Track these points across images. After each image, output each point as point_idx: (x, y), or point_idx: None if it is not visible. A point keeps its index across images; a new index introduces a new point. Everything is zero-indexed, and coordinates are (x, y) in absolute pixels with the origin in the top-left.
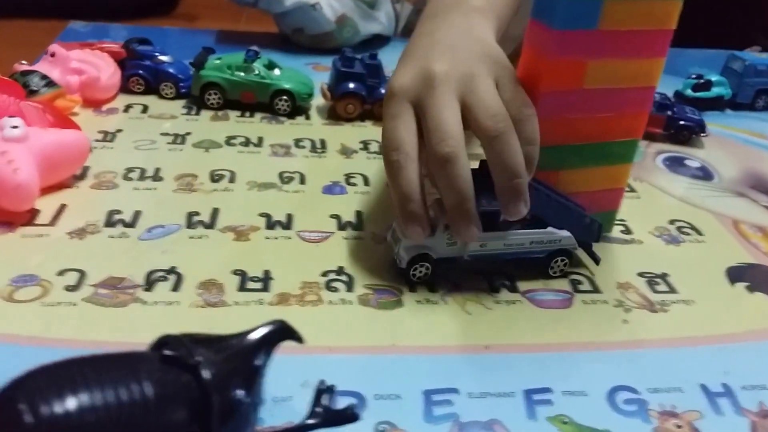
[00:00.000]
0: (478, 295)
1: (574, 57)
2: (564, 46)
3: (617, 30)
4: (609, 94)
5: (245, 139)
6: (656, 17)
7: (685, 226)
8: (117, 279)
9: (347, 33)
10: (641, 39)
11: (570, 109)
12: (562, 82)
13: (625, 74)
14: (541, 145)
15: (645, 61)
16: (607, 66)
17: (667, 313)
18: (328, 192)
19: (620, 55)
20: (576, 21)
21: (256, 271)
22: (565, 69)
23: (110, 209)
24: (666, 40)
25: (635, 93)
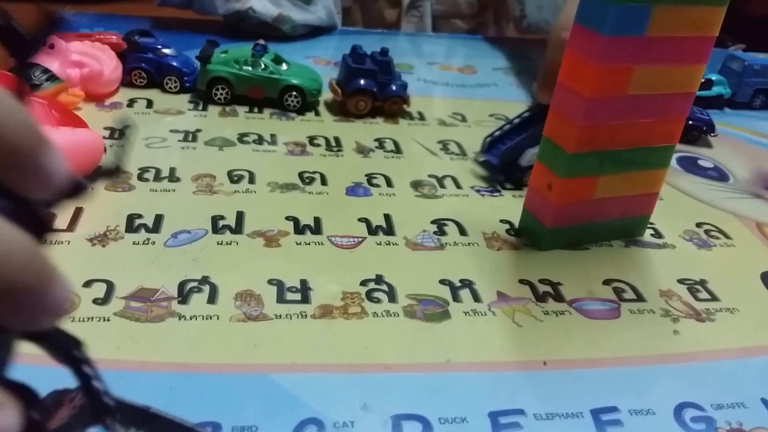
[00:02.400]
0: (525, 305)
1: (621, 63)
2: (612, 53)
3: (664, 36)
4: (651, 101)
5: (258, 136)
6: (701, 24)
7: (713, 229)
8: (149, 290)
9: (287, 28)
10: (686, 46)
11: (613, 116)
12: (607, 88)
13: (668, 81)
14: (582, 151)
15: (687, 68)
16: (652, 72)
17: (714, 323)
18: (352, 194)
19: (665, 61)
20: (625, 27)
21: (293, 281)
22: (612, 75)
23: (130, 213)
24: (709, 46)
25: (676, 99)
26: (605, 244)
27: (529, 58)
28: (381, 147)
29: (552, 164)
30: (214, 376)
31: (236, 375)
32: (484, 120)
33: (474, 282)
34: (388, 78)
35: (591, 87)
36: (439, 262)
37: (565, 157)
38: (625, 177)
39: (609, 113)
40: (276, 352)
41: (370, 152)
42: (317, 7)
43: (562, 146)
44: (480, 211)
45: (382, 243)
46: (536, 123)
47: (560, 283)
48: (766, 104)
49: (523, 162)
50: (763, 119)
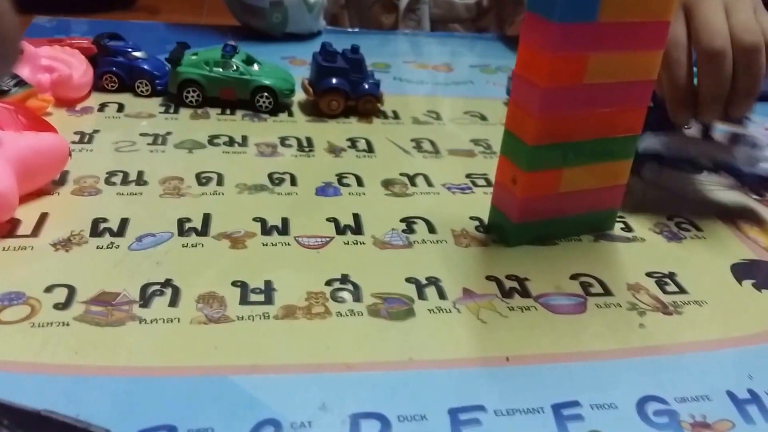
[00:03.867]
0: (491, 301)
1: (574, 51)
2: (564, 40)
3: (617, 22)
4: (610, 89)
5: (229, 138)
6: (654, 8)
7: (684, 222)
8: (110, 294)
9: (276, 19)
10: (641, 31)
11: (571, 105)
12: (562, 77)
13: (625, 68)
14: (545, 142)
15: (644, 54)
16: (607, 60)
17: (681, 316)
18: (322, 194)
19: (621, 48)
20: (576, 13)
21: (258, 282)
22: (566, 64)
23: (95, 217)
24: (663, 32)
25: (635, 87)
26: (574, 239)
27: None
28: (353, 146)
29: (514, 158)
30: (172, 379)
31: (195, 378)
32: (459, 117)
33: (440, 279)
34: (360, 76)
35: (546, 76)
36: (407, 261)
37: (526, 149)
38: (589, 169)
39: (567, 103)
40: (237, 354)
41: (341, 152)
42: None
43: (522, 138)
44: (450, 208)
45: (349, 242)
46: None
47: (527, 279)
48: None
49: (640, 148)
50: None
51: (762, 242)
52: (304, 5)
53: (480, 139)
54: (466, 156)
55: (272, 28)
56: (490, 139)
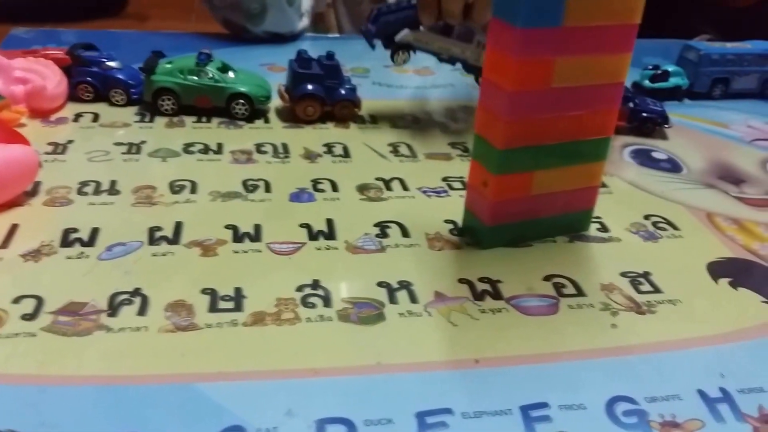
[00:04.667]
0: (462, 304)
1: (540, 56)
2: (529, 45)
3: (582, 26)
4: (578, 92)
5: (204, 146)
6: (620, 12)
7: (661, 221)
8: (78, 304)
9: (254, 10)
10: (606, 34)
11: (539, 109)
12: (529, 81)
13: (592, 71)
14: (512, 147)
15: (612, 57)
16: (574, 63)
17: (654, 315)
18: (296, 199)
19: (587, 51)
20: (540, 18)
21: (227, 289)
22: (532, 68)
23: (66, 227)
24: (631, 34)
25: (604, 90)
26: (549, 240)
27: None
28: (330, 152)
29: (485, 161)
30: (136, 387)
31: (160, 386)
32: (438, 121)
33: (412, 283)
34: (336, 82)
35: (512, 81)
36: (379, 265)
37: (496, 153)
38: (561, 171)
39: (535, 107)
40: (203, 362)
41: (317, 157)
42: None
43: (492, 142)
44: (425, 212)
45: (322, 248)
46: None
47: (500, 281)
48: (726, 93)
49: (397, 38)
50: (722, 108)
51: (739, 240)
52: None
53: (458, 142)
54: (443, 159)
55: (251, 20)
56: (468, 142)
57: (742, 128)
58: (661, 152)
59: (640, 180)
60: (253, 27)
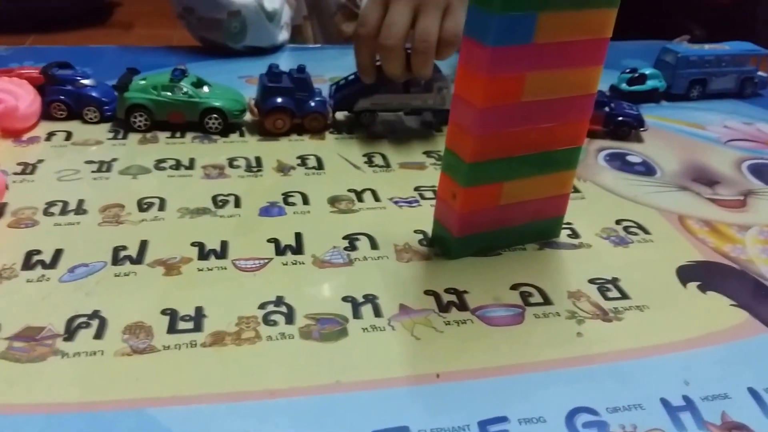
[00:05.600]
0: (427, 317)
1: (510, 72)
2: (500, 63)
3: (554, 42)
4: (548, 105)
5: (176, 161)
6: (591, 27)
7: (632, 225)
8: (35, 329)
9: (234, 29)
10: (578, 49)
11: (510, 123)
12: (500, 97)
13: (563, 84)
14: (483, 159)
15: (583, 70)
16: (544, 78)
17: (621, 322)
18: (266, 214)
19: (557, 66)
20: (511, 37)
21: (188, 309)
22: (503, 84)
23: (29, 249)
24: (602, 48)
25: (575, 102)
26: (519, 248)
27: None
28: (303, 164)
29: (454, 174)
30: (87, 414)
31: (110, 412)
32: (413, 129)
33: (378, 297)
34: (306, 94)
35: (482, 97)
36: (345, 279)
37: (465, 166)
38: (530, 181)
39: (505, 121)
40: (157, 386)
41: (290, 170)
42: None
43: (461, 156)
44: (395, 223)
45: (288, 263)
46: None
47: (466, 292)
48: (703, 94)
49: (355, 108)
50: (699, 109)
51: (710, 242)
52: (263, 13)
53: (433, 151)
54: (417, 169)
55: (231, 39)
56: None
57: (718, 129)
58: (636, 156)
59: (614, 184)
60: (234, 44)
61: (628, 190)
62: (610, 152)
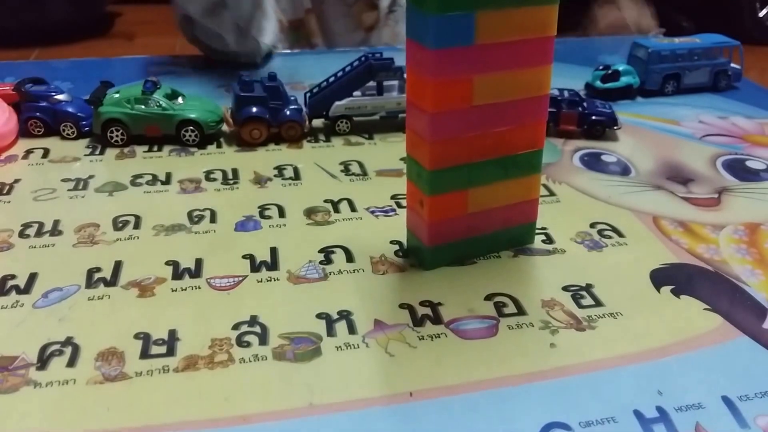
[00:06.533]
0: (401, 332)
1: (457, 75)
2: (444, 66)
3: (496, 42)
4: (501, 108)
5: (152, 176)
6: (534, 25)
7: (606, 228)
8: (8, 359)
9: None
10: (523, 49)
11: (465, 128)
12: (449, 101)
13: (513, 86)
14: (442, 167)
15: (531, 71)
16: (493, 80)
17: (594, 330)
18: (242, 228)
19: (504, 67)
20: (451, 38)
21: (161, 332)
22: (451, 88)
23: (4, 274)
24: (549, 46)
25: (529, 103)
26: (493, 256)
27: None
28: (280, 175)
29: (418, 182)
30: None
31: None
32: (390, 135)
33: (352, 312)
34: (280, 103)
35: (431, 102)
36: (320, 295)
37: (426, 174)
38: (496, 187)
39: (459, 126)
40: (128, 415)
41: (267, 181)
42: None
43: (421, 163)
44: (372, 233)
45: (263, 280)
46: (347, 74)
47: (441, 304)
48: (678, 89)
49: (331, 114)
50: (674, 105)
51: (685, 244)
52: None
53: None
54: (394, 176)
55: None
56: None
57: (693, 124)
58: (611, 155)
59: (589, 185)
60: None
61: (603, 191)
62: (586, 152)
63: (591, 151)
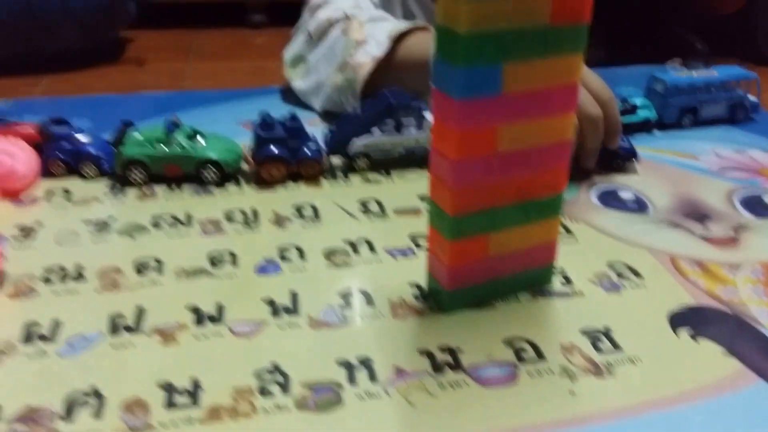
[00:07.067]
0: (422, 380)
1: (482, 124)
2: (469, 115)
3: (522, 92)
4: (525, 155)
5: (173, 218)
6: (559, 73)
7: (624, 269)
8: (35, 410)
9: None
10: (549, 96)
11: (487, 174)
12: (474, 148)
13: (537, 133)
14: (465, 213)
15: (555, 118)
16: (517, 128)
17: (613, 376)
18: (262, 272)
19: (529, 115)
20: (478, 89)
21: (185, 381)
22: (475, 136)
23: (28, 321)
24: (573, 93)
25: (551, 149)
26: (512, 298)
27: None
28: (299, 215)
29: (439, 227)
30: None
31: None
32: (408, 172)
33: (372, 359)
34: (300, 142)
35: (455, 150)
36: (340, 340)
37: (448, 219)
38: (516, 231)
39: (482, 173)
40: None
41: (286, 222)
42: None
43: (444, 209)
44: (391, 275)
45: (283, 325)
46: (366, 112)
47: (460, 349)
48: (695, 122)
49: (350, 151)
50: (691, 138)
51: (702, 285)
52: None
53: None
54: (412, 215)
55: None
56: None
57: (710, 159)
58: (629, 191)
59: (606, 224)
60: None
61: (621, 229)
62: (603, 190)
63: (608, 187)
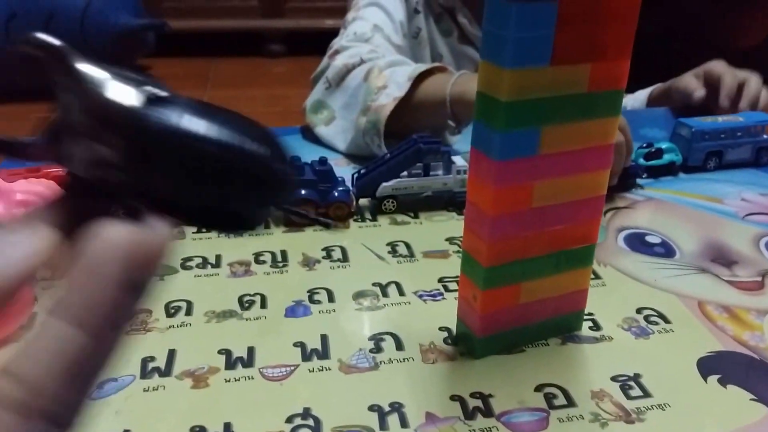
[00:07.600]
0: (453, 426)
1: (518, 183)
2: (506, 175)
3: (558, 152)
4: (559, 209)
5: (202, 259)
6: (595, 134)
7: (653, 314)
8: None
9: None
10: (583, 156)
11: (522, 228)
12: (509, 204)
13: (571, 190)
14: (499, 263)
15: (590, 175)
16: (553, 185)
17: (643, 423)
18: (291, 314)
19: (565, 174)
20: (516, 150)
21: (217, 425)
22: (511, 193)
23: None
24: (608, 152)
25: (585, 203)
26: (542, 343)
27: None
28: (328, 256)
29: (472, 276)
30: None
31: None
32: (435, 215)
33: (403, 405)
34: (329, 185)
35: (492, 206)
36: (371, 385)
37: (482, 270)
38: (548, 280)
39: (517, 226)
40: None
41: (315, 263)
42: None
43: (478, 260)
44: (420, 319)
45: (314, 369)
46: (395, 156)
47: (491, 395)
48: (720, 165)
49: (378, 194)
50: (716, 181)
51: (730, 330)
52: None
53: (455, 237)
54: (440, 258)
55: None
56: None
57: (736, 202)
58: (655, 236)
59: (634, 268)
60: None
61: (648, 273)
62: (629, 233)
63: (635, 230)
